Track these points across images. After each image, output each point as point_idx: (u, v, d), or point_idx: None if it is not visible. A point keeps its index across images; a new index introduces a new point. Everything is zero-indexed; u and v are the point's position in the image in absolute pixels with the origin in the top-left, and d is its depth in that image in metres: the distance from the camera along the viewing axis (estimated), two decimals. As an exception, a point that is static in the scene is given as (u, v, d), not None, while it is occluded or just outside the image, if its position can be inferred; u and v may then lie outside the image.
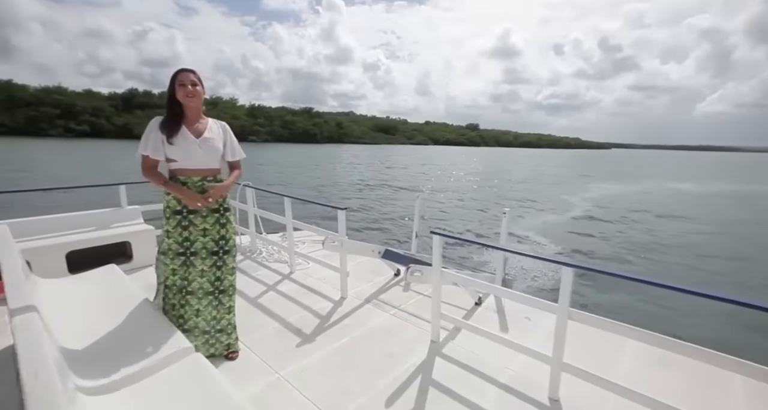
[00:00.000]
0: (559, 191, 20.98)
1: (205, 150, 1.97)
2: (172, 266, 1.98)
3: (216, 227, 2.04)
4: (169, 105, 1.94)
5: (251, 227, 4.14)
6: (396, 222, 11.93)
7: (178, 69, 1.92)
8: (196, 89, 1.92)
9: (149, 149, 1.90)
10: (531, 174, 35.05)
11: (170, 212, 1.96)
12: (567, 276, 1.77)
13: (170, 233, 1.97)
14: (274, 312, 2.85)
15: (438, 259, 2.34)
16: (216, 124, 2.09)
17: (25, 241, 3.00)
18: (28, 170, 20.21)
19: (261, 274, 3.62)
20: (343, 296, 3.13)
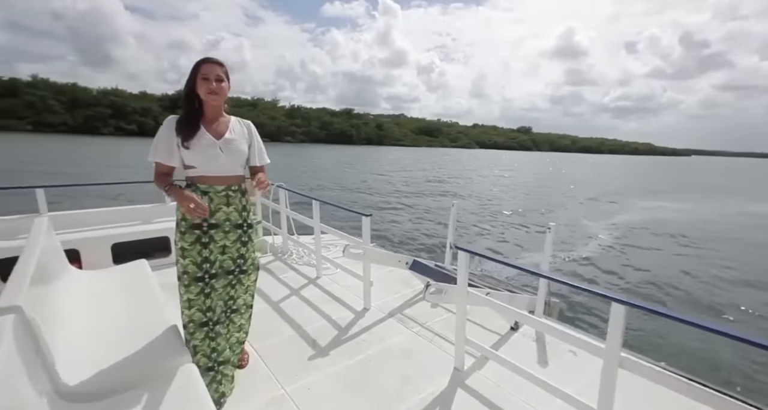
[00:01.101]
0: (605, 208, 17.82)
1: (228, 153, 1.67)
2: (188, 295, 1.65)
3: (236, 245, 1.76)
4: (186, 100, 1.64)
5: (283, 228, 4.06)
6: (428, 231, 11.07)
7: (202, 58, 1.62)
8: (221, 86, 1.64)
9: (160, 154, 1.61)
10: (583, 182, 31.96)
11: (186, 226, 1.65)
12: (618, 314, 1.51)
13: (187, 252, 1.65)
14: (293, 319, 2.75)
15: (464, 278, 2.08)
16: (239, 123, 1.79)
17: (75, 232, 3.22)
18: (82, 166, 21.95)
19: (288, 277, 3.54)
20: (365, 307, 2.96)
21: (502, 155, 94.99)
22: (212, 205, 1.64)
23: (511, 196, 20.07)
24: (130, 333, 1.71)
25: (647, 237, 11.80)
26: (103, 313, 1.91)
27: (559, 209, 16.54)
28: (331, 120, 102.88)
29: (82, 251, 3.11)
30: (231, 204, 1.70)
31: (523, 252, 9.67)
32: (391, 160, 48.44)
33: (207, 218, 1.63)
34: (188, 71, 1.64)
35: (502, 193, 21.33)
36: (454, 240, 3.90)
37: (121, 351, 1.56)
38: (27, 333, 1.24)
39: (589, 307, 6.05)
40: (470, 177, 29.85)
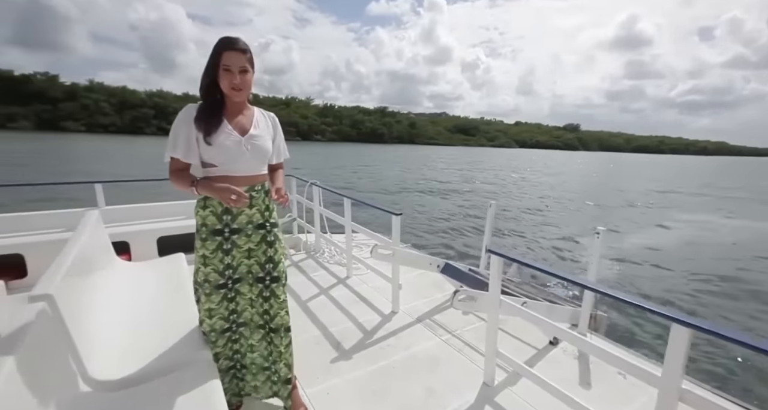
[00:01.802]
0: (646, 216, 15.07)
1: (254, 151, 1.48)
2: (208, 304, 1.53)
3: (262, 246, 1.58)
4: (206, 91, 1.42)
5: (316, 225, 4.06)
6: (465, 232, 10.45)
7: (223, 43, 1.36)
8: (246, 78, 1.40)
9: (180, 150, 1.41)
10: (637, 183, 28.86)
11: (207, 232, 1.49)
12: (680, 338, 1.31)
13: (208, 259, 1.50)
14: (319, 319, 2.69)
15: (496, 285, 1.95)
16: (263, 115, 1.60)
17: (126, 225, 3.36)
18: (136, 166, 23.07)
19: (318, 276, 3.52)
20: (393, 310, 2.86)
21: (541, 155, 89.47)
22: (234, 208, 1.47)
23: (555, 199, 18.24)
24: (157, 325, 1.76)
25: (711, 250, 9.89)
26: (136, 304, 1.96)
27: (600, 214, 14.69)
28: (363, 118, 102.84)
29: (132, 243, 3.26)
30: (254, 205, 1.53)
31: (570, 259, 8.65)
32: (413, 158, 46.90)
33: (230, 222, 1.50)
34: None
35: (544, 194, 19.61)
36: (491, 243, 3.63)
37: (146, 342, 1.61)
38: (57, 322, 1.28)
39: (644, 323, 5.20)
40: (506, 178, 28.14)
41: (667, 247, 9.94)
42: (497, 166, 41.56)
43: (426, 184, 21.49)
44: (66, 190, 3.94)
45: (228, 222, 1.49)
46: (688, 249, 9.89)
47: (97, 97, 67.09)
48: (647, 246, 9.78)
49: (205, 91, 1.42)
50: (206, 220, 1.47)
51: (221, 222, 1.48)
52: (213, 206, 1.46)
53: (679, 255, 9.26)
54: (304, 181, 4.04)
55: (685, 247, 10.01)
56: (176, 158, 1.41)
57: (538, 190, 21.37)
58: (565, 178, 29.89)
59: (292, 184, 4.26)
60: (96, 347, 1.47)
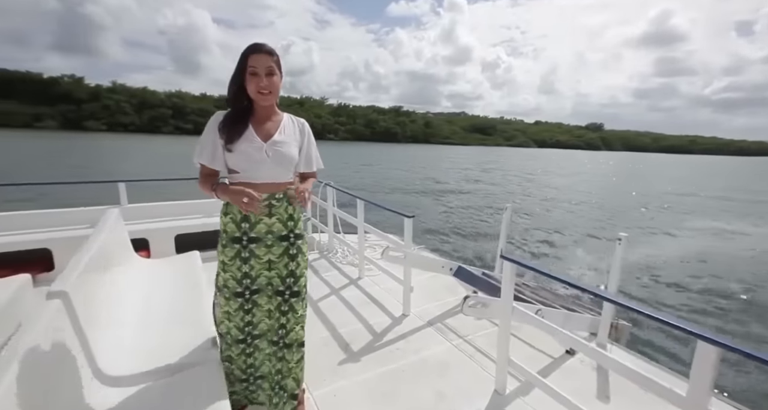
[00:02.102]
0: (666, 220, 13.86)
1: (275, 158, 1.44)
2: (227, 308, 1.52)
3: (284, 259, 1.53)
4: (233, 96, 1.42)
5: (329, 225, 4.10)
6: (481, 234, 10.16)
7: (251, 46, 1.37)
8: (273, 81, 1.38)
9: (205, 157, 1.42)
10: (657, 185, 27.33)
11: (227, 238, 1.48)
12: (706, 356, 1.23)
13: (227, 266, 1.49)
14: (329, 320, 2.68)
15: (509, 291, 1.89)
16: (292, 121, 1.55)
17: (145, 223, 3.48)
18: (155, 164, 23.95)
19: (330, 276, 3.51)
20: (404, 313, 2.81)
21: (559, 155, 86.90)
22: (252, 216, 1.45)
23: (575, 202, 17.35)
24: (168, 323, 1.79)
25: (730, 261, 9.02)
26: (149, 301, 2.00)
27: (621, 218, 13.73)
28: (377, 117, 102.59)
29: (151, 240, 3.34)
30: (273, 214, 1.48)
31: (587, 264, 8.09)
32: (419, 158, 46.28)
33: (248, 230, 1.47)
34: None
35: (550, 196, 18.74)
36: (506, 246, 3.55)
37: (156, 340, 1.65)
38: (71, 318, 1.32)
39: (670, 331, 4.80)
40: (512, 179, 27.04)
41: (685, 255, 9.13)
42: (506, 166, 40.37)
43: (422, 184, 21.02)
44: (93, 188, 4.09)
45: (246, 231, 1.46)
46: (705, 258, 9.02)
47: (119, 97, 69.71)
48: (663, 254, 9.01)
49: (233, 98, 1.40)
50: (227, 227, 1.46)
51: (240, 229, 1.45)
52: (233, 213, 1.45)
53: (696, 265, 8.47)
54: (318, 181, 4.01)
55: (702, 256, 9.14)
56: (203, 164, 1.42)
57: (545, 192, 20.46)
58: (578, 179, 28.57)
59: None
60: (108, 343, 1.50)
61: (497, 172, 32.06)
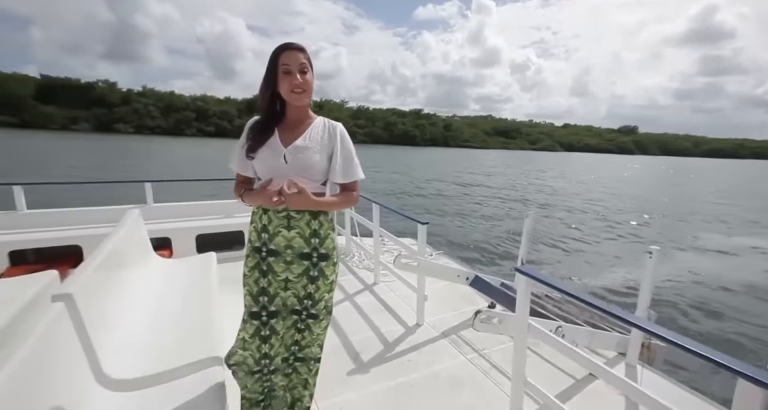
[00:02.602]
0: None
1: (294, 165, 1.33)
2: (243, 334, 1.40)
3: (302, 280, 1.39)
4: (268, 102, 1.35)
5: (347, 228, 4.11)
6: (502, 242, 9.71)
7: (281, 45, 1.30)
8: (306, 79, 1.31)
9: (234, 163, 1.43)
10: (692, 192, 25.65)
11: (250, 248, 1.41)
12: (748, 396, 1.07)
13: (246, 277, 1.41)
14: (340, 327, 2.63)
15: (524, 306, 1.75)
16: (324, 126, 1.42)
17: (168, 222, 3.60)
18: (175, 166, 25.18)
19: (346, 280, 3.48)
20: (418, 323, 2.73)
21: (580, 159, 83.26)
22: (270, 227, 1.36)
23: (604, 206, 16.61)
24: (176, 325, 1.79)
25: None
26: (160, 302, 2.00)
27: (651, 229, 12.74)
28: (396, 120, 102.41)
29: (173, 239, 3.44)
30: (293, 227, 1.36)
31: (618, 279, 7.41)
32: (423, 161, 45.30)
33: (267, 241, 1.38)
34: None
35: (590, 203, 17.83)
36: (528, 256, 3.44)
37: (163, 343, 1.63)
38: (74, 321, 1.31)
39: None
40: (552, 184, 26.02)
41: (728, 273, 8.09)
42: (513, 170, 38.81)
43: (435, 187, 20.66)
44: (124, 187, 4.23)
45: (266, 241, 1.38)
46: (753, 278, 7.96)
47: (147, 101, 73.39)
48: (702, 270, 8.15)
49: (267, 103, 1.35)
50: (251, 235, 1.41)
51: (260, 239, 1.38)
52: (255, 221, 1.40)
53: (744, 284, 7.45)
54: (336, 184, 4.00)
55: (749, 275, 8.06)
56: (237, 171, 1.43)
57: (544, 197, 19.49)
58: (590, 187, 26.90)
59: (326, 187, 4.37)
60: (112, 346, 1.49)
61: (500, 177, 30.84)
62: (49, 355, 1.12)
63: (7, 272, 2.82)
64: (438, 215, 12.85)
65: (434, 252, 4.31)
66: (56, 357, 1.16)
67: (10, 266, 2.90)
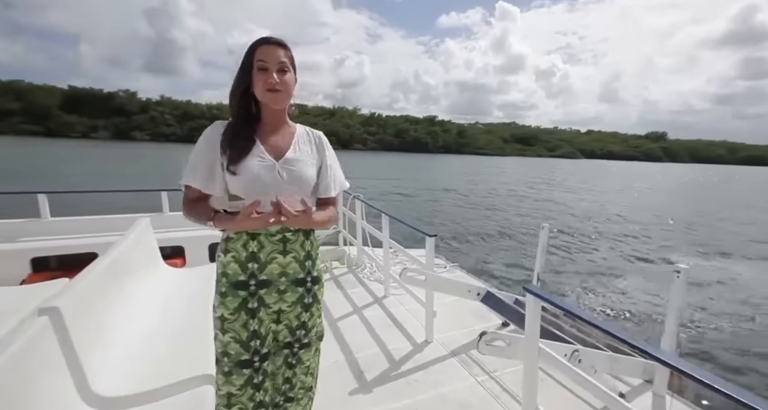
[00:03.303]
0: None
1: (291, 180, 1.14)
2: (228, 388, 1.17)
3: (296, 309, 1.23)
4: (238, 102, 1.15)
5: (358, 239, 3.97)
6: (518, 256, 9.13)
7: (259, 39, 1.13)
8: (285, 79, 1.12)
9: (198, 178, 1.12)
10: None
11: (228, 284, 1.15)
12: None
13: (227, 323, 1.16)
14: (346, 342, 2.54)
15: (534, 330, 1.63)
16: (308, 135, 1.27)
17: (182, 231, 3.52)
18: None
19: (356, 293, 3.39)
20: (427, 340, 2.61)
21: (598, 166, 79.10)
22: (262, 254, 1.15)
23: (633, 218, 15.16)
24: (172, 340, 1.74)
25: None
26: (162, 315, 1.96)
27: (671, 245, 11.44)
28: (408, 127, 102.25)
29: (186, 248, 3.43)
30: (289, 251, 1.19)
31: (641, 299, 6.65)
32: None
33: (257, 271, 1.16)
34: (318, 88, 1.29)
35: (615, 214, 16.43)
36: (543, 271, 3.33)
37: (155, 359, 1.58)
38: (60, 335, 1.28)
39: (751, 384, 4.21)
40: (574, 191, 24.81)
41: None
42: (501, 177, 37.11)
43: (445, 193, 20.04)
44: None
45: (254, 272, 1.15)
46: None
47: (163, 109, 76.30)
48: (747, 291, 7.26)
49: (237, 103, 1.14)
50: (227, 268, 1.15)
51: (245, 271, 1.15)
52: (236, 250, 1.14)
53: None
54: (347, 193, 4.02)
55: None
56: (189, 186, 1.13)
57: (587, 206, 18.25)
58: (585, 196, 25.09)
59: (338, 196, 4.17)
60: (103, 362, 1.45)
61: (484, 185, 29.48)
62: (28, 370, 1.08)
63: (29, 278, 2.89)
64: (452, 225, 12.27)
65: (449, 264, 4.16)
66: (35, 372, 1.11)
67: (31, 272, 2.96)
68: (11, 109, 65.63)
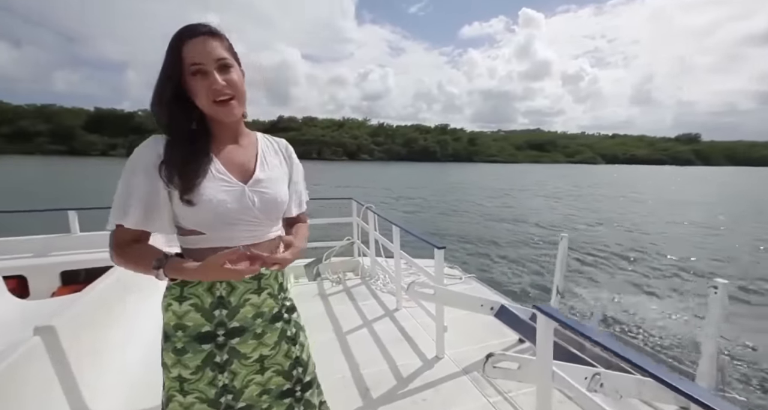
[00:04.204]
0: None
1: (263, 206, 0.92)
2: None
3: (282, 347, 1.01)
4: (169, 113, 0.85)
5: (371, 249, 3.90)
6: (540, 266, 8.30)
7: (180, 31, 0.84)
8: (231, 78, 0.86)
9: (134, 214, 0.85)
10: None
11: (186, 339, 0.91)
12: None
13: (189, 383, 0.91)
14: (354, 357, 2.47)
15: (546, 352, 1.51)
16: (272, 145, 1.04)
17: None
18: None
19: (367, 305, 3.28)
20: (437, 355, 2.49)
21: (615, 172, 74.89)
22: (232, 298, 0.94)
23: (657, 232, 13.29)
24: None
25: None
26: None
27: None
28: (416, 136, 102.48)
29: None
30: (263, 288, 0.98)
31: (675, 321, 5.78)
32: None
33: (225, 319, 0.94)
34: (343, 101, 1.19)
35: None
36: (563, 284, 3.11)
37: (148, 387, 1.48)
38: (54, 355, 1.26)
39: None
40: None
41: None
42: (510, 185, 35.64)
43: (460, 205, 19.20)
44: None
45: (223, 320, 0.93)
46: None
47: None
48: None
49: (168, 114, 0.85)
50: (183, 320, 0.91)
51: (211, 321, 0.92)
52: (196, 295, 0.91)
53: None
54: (360, 204, 4.07)
55: None
56: (123, 227, 0.86)
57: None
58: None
59: (351, 206, 4.33)
60: (94, 383, 1.40)
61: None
62: (13, 390, 1.06)
63: (58, 291, 3.04)
64: (461, 236, 11.40)
65: (464, 275, 4.05)
66: (21, 392, 1.09)
67: (61, 285, 3.11)
68: (40, 130, 71.79)
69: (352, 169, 54.60)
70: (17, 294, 2.79)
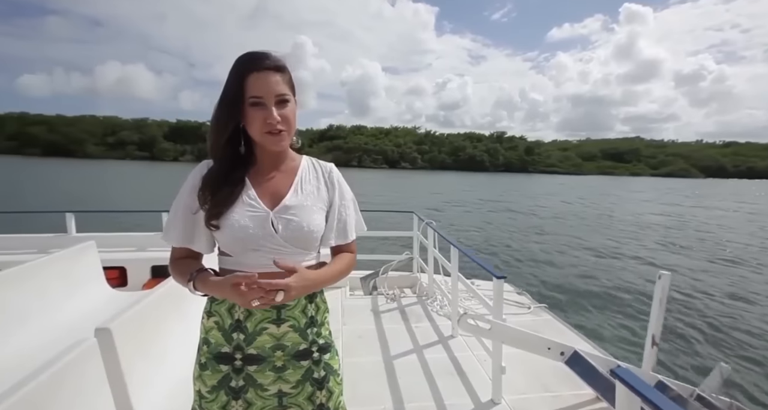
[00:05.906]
0: None
1: (287, 233, 0.93)
2: None
3: (305, 388, 0.98)
4: (225, 144, 0.92)
5: (430, 267, 3.75)
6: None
7: (247, 59, 0.88)
8: (286, 113, 0.90)
9: (174, 233, 0.96)
10: None
11: (209, 355, 0.95)
12: None
13: (205, 401, 0.95)
14: (400, 387, 2.26)
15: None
16: (317, 170, 1.05)
17: None
18: None
19: (421, 328, 3.07)
20: (493, 400, 2.18)
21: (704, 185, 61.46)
22: (249, 323, 0.93)
23: None
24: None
25: None
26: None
27: None
28: (466, 145, 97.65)
29: None
30: (285, 320, 0.95)
31: None
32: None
33: (243, 343, 0.93)
34: (420, 111, 2.09)
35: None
36: (659, 332, 2.43)
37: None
38: (110, 356, 1.26)
39: None
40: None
41: None
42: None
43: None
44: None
45: (240, 344, 0.93)
46: None
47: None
48: None
49: (223, 143, 0.90)
50: (209, 335, 0.95)
51: (230, 342, 0.93)
52: (219, 314, 0.94)
53: None
54: (421, 219, 3.95)
55: None
56: (174, 246, 0.97)
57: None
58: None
59: (413, 221, 4.21)
60: (143, 389, 1.38)
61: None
62: (65, 391, 1.05)
63: (148, 283, 3.37)
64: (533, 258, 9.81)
65: (533, 304, 3.51)
66: (72, 394, 1.08)
67: (150, 278, 3.44)
68: (132, 140, 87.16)
69: (377, 177, 53.75)
70: (118, 283, 3.18)
